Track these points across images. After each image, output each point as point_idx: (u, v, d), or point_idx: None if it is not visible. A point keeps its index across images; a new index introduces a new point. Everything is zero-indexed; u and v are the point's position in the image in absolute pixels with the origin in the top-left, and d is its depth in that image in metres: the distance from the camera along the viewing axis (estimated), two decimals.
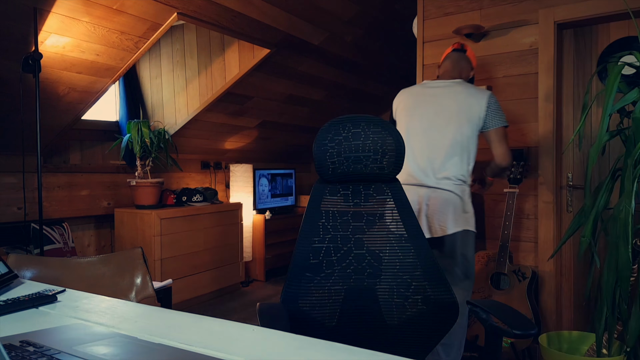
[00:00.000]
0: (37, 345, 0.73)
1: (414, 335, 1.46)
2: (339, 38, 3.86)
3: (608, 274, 1.77)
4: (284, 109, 4.59)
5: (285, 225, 5.00)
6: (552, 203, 2.65)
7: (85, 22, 2.58)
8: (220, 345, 0.78)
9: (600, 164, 2.65)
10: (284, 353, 0.75)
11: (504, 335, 1.25)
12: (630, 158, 1.73)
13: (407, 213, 1.51)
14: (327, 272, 1.48)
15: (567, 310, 2.75)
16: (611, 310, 1.78)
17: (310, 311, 1.45)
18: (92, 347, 0.75)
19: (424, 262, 1.47)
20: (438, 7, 3.02)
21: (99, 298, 1.09)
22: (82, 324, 0.90)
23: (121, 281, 1.51)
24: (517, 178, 2.61)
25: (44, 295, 1.03)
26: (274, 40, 3.49)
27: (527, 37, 2.71)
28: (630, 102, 1.84)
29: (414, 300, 1.46)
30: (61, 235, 3.25)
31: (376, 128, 1.51)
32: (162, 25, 2.86)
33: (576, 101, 2.73)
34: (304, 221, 1.49)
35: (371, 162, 1.50)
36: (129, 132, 3.59)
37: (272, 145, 5.22)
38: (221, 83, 3.77)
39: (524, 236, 2.74)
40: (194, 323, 0.90)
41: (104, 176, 3.72)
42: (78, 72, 2.90)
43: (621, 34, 2.58)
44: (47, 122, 3.03)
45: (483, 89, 2.34)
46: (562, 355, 2.27)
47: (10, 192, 3.10)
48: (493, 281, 2.61)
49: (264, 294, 4.32)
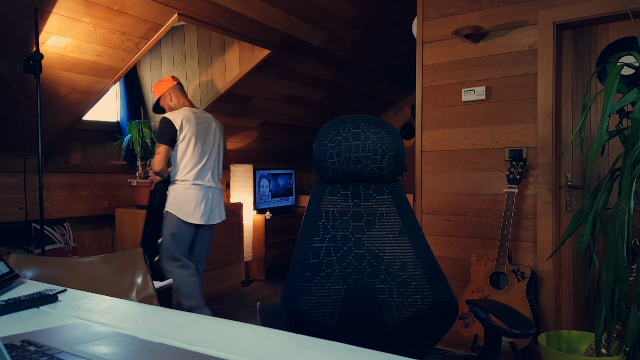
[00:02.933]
0: (38, 344, 0.73)
1: (413, 335, 1.47)
2: (339, 39, 3.87)
3: (607, 274, 1.77)
4: (284, 109, 4.59)
5: (286, 225, 5.01)
6: (551, 203, 2.66)
7: (86, 22, 2.59)
8: (221, 344, 0.79)
9: (599, 164, 2.65)
10: (284, 352, 0.75)
11: (504, 334, 1.26)
12: (629, 158, 1.74)
13: (406, 213, 1.51)
14: (327, 272, 1.48)
15: (566, 309, 2.76)
16: (610, 310, 1.79)
17: (310, 311, 1.45)
18: (93, 346, 0.75)
19: (424, 261, 1.47)
20: (437, 7, 3.02)
21: (100, 298, 1.09)
22: (83, 323, 0.90)
23: (122, 281, 1.52)
24: (516, 178, 2.62)
25: (45, 294, 1.04)
26: (275, 41, 3.49)
27: (527, 38, 2.72)
28: (630, 102, 1.84)
29: (413, 300, 1.47)
30: (62, 235, 3.25)
31: (376, 128, 1.51)
32: (162, 26, 2.87)
33: (575, 102, 2.74)
34: (304, 221, 1.50)
35: (371, 162, 1.51)
36: (130, 132, 3.60)
37: (272, 145, 5.22)
38: (222, 84, 3.78)
39: (523, 236, 2.75)
40: (194, 323, 0.90)
41: (104, 176, 3.72)
42: (79, 73, 2.90)
43: (620, 34, 2.59)
44: (48, 122, 3.04)
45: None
46: (561, 354, 2.27)
47: (11, 192, 3.10)
48: (492, 281, 2.62)
49: (264, 293, 4.33)
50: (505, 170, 2.79)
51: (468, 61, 2.91)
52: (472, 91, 2.88)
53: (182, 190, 3.00)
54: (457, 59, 2.95)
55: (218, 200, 3.15)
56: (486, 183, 2.86)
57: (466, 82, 2.92)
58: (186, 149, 3.00)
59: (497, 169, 2.83)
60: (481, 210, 2.88)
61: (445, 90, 3.00)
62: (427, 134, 3.08)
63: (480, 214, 2.88)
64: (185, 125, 2.99)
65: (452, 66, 2.97)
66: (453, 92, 2.97)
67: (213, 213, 3.12)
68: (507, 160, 2.78)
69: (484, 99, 2.85)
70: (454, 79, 2.96)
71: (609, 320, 1.80)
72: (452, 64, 2.97)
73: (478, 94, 2.86)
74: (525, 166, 2.67)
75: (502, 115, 2.81)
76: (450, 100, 2.98)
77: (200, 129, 3.06)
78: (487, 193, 2.85)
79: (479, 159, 2.89)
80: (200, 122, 3.09)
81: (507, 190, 2.64)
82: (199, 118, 3.09)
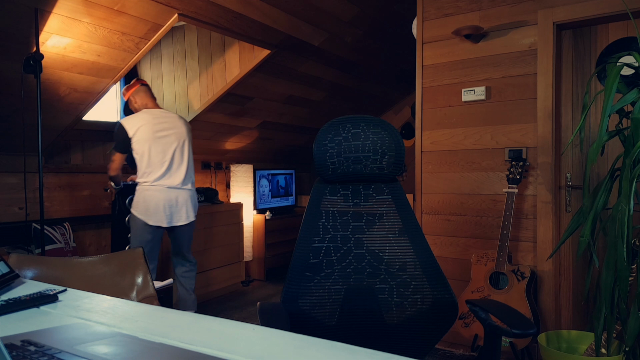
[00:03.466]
0: (38, 344, 0.73)
1: (413, 335, 1.47)
2: (339, 39, 3.87)
3: (607, 274, 1.77)
4: (284, 109, 4.59)
5: (285, 225, 5.01)
6: (551, 203, 2.66)
7: (86, 22, 2.59)
8: (221, 344, 0.79)
9: (599, 164, 2.65)
10: (284, 352, 0.75)
11: (503, 334, 1.26)
12: (629, 158, 1.74)
13: (406, 213, 1.52)
14: (327, 272, 1.48)
15: (566, 309, 2.76)
16: (610, 310, 1.79)
17: (310, 311, 1.45)
18: (93, 346, 0.75)
19: (424, 261, 1.47)
20: (437, 8, 3.02)
21: (100, 298, 1.09)
22: (83, 323, 0.90)
23: (122, 281, 1.52)
24: (516, 178, 2.62)
25: (45, 294, 1.04)
26: (275, 41, 3.49)
27: (526, 38, 2.72)
28: (629, 102, 1.84)
29: (413, 300, 1.47)
30: (62, 235, 3.25)
31: (376, 128, 1.52)
32: (163, 26, 2.87)
33: (575, 102, 2.74)
34: (304, 221, 1.50)
35: (371, 162, 1.51)
36: None
37: (272, 145, 5.22)
38: (222, 84, 3.78)
39: (523, 236, 2.75)
40: (194, 322, 0.90)
41: (105, 176, 3.72)
42: (79, 73, 2.90)
43: (620, 34, 2.59)
44: (48, 122, 3.04)
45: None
46: (561, 354, 2.27)
47: (11, 192, 3.10)
48: (492, 281, 2.62)
49: (264, 293, 4.33)
50: (505, 170, 2.80)
51: (468, 61, 2.91)
52: (472, 91, 2.88)
53: (143, 192, 3.01)
54: (457, 59, 2.95)
55: (184, 201, 3.11)
56: (486, 183, 2.86)
57: (466, 82, 2.92)
58: (143, 152, 3.00)
59: (497, 169, 2.83)
60: (481, 210, 2.88)
61: (445, 90, 3.00)
62: (427, 134, 3.08)
63: (480, 214, 2.88)
64: (141, 129, 2.99)
65: (452, 66, 2.97)
66: (453, 92, 2.97)
67: (177, 214, 3.08)
68: (507, 160, 2.79)
69: (483, 99, 2.85)
70: (454, 79, 2.96)
71: (609, 320, 1.80)
72: (452, 64, 2.97)
73: (478, 94, 2.86)
74: (525, 166, 2.67)
75: (502, 115, 2.81)
76: (450, 100, 2.98)
77: (158, 129, 3.04)
78: (487, 193, 2.85)
79: (479, 159, 2.89)
80: (160, 122, 3.07)
81: (507, 190, 2.64)
82: (158, 118, 3.07)
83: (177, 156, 3.09)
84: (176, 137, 3.11)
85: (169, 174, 3.05)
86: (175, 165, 3.08)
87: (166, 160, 3.04)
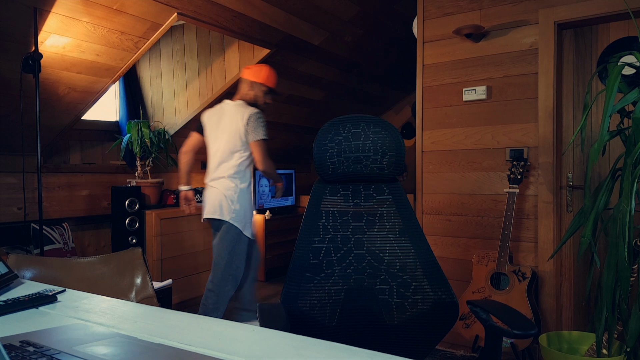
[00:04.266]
0: (37, 345, 0.73)
1: (413, 335, 1.46)
2: (339, 38, 3.86)
3: (608, 274, 1.77)
4: (284, 109, 4.59)
5: (285, 225, 5.00)
6: (552, 203, 2.65)
7: (85, 22, 2.58)
8: (220, 345, 0.78)
9: (600, 164, 2.65)
10: (284, 353, 0.75)
11: (504, 335, 1.25)
12: (630, 158, 1.73)
13: (407, 213, 1.51)
14: (327, 272, 1.48)
15: (567, 310, 2.75)
16: (611, 310, 1.78)
17: (310, 311, 1.45)
18: (92, 347, 0.74)
19: (424, 262, 1.47)
20: (438, 7, 3.02)
21: (99, 298, 1.09)
22: (82, 324, 0.90)
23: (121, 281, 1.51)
24: (517, 178, 2.61)
25: (44, 295, 1.03)
26: (274, 41, 3.49)
27: (527, 37, 2.72)
28: (631, 102, 1.84)
29: (414, 301, 1.46)
30: (61, 236, 3.24)
31: (376, 128, 1.51)
32: (162, 26, 2.86)
33: (576, 101, 2.73)
34: (304, 221, 1.49)
35: (371, 162, 1.50)
36: (129, 132, 3.59)
37: (272, 145, 5.21)
38: (221, 83, 3.77)
39: (524, 236, 2.75)
40: (194, 323, 0.90)
41: (104, 176, 3.72)
42: (78, 72, 2.90)
43: (621, 34, 2.58)
44: (47, 122, 3.04)
45: (249, 107, 2.85)
46: (562, 355, 2.27)
47: (10, 192, 3.10)
48: (493, 281, 2.61)
49: (264, 294, 4.32)
50: (506, 170, 2.79)
51: (469, 61, 2.91)
52: (472, 91, 2.87)
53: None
54: (457, 59, 2.95)
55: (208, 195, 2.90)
56: (487, 183, 2.86)
57: (467, 81, 2.91)
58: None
59: (498, 168, 2.82)
60: (482, 211, 2.87)
61: (445, 89, 3.00)
62: (428, 134, 3.07)
63: (481, 214, 2.87)
64: (206, 121, 2.95)
65: (453, 66, 2.96)
66: (454, 92, 2.96)
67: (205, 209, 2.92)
68: (508, 160, 2.78)
69: (484, 98, 2.84)
70: (455, 78, 2.96)
71: (610, 321, 1.80)
72: (452, 63, 2.96)
73: (479, 94, 2.85)
74: (526, 166, 2.66)
75: (502, 115, 2.80)
76: (451, 100, 2.98)
77: (212, 122, 2.92)
78: (488, 193, 2.85)
79: (480, 158, 2.88)
80: (215, 114, 2.93)
81: (508, 190, 2.63)
82: (217, 110, 2.94)
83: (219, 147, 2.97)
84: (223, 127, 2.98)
85: (211, 167, 2.97)
86: (215, 158, 2.97)
87: (212, 154, 2.97)
